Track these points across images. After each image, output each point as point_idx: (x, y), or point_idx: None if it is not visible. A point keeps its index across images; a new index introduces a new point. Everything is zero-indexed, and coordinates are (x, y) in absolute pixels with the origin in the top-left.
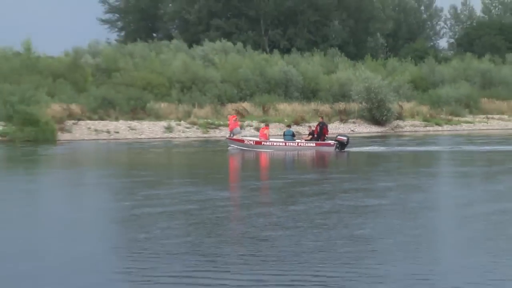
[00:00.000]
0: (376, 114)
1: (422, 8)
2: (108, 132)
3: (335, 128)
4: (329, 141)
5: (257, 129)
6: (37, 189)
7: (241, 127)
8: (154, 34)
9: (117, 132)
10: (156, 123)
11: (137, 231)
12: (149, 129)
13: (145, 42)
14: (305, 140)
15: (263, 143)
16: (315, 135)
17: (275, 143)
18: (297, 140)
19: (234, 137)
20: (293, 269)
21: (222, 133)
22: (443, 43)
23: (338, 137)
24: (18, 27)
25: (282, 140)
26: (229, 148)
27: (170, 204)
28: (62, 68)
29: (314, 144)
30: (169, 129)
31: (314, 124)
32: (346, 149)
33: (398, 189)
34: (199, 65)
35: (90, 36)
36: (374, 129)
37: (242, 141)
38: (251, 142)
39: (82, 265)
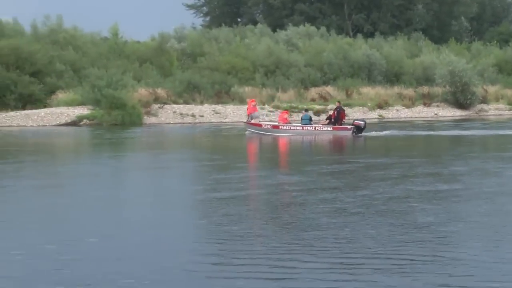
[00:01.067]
0: (460, 98)
1: None
2: (193, 115)
3: (419, 112)
4: (346, 125)
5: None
6: (111, 173)
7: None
8: (239, 19)
9: (202, 116)
10: (240, 107)
11: (205, 216)
12: (233, 113)
13: (229, 27)
14: (322, 124)
15: (280, 127)
16: (333, 120)
17: (292, 127)
18: (314, 125)
19: (252, 121)
20: (347, 253)
21: None
22: None
23: (355, 121)
24: (105, 12)
25: (300, 124)
26: (246, 132)
27: (238, 188)
28: (148, 53)
29: (331, 129)
30: None
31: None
32: (362, 134)
33: (471, 173)
34: (283, 50)
35: (176, 21)
36: (458, 113)
37: (260, 125)
38: (269, 126)
39: (158, 247)
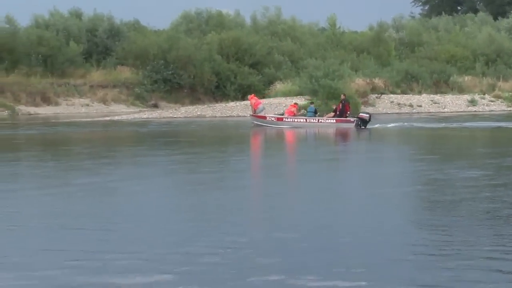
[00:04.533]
0: None
1: None
2: (411, 105)
3: None
4: (350, 118)
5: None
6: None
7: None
8: (459, 7)
9: (420, 106)
10: (459, 97)
11: (404, 208)
12: (452, 103)
13: (449, 16)
14: (327, 117)
15: (284, 119)
16: (338, 112)
17: (296, 120)
18: (318, 117)
19: (258, 114)
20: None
21: None
22: None
23: (360, 114)
24: (323, 3)
25: (303, 116)
26: (252, 124)
27: (398, 184)
28: (365, 43)
29: (334, 121)
30: (472, 102)
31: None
32: (368, 126)
33: None
34: (504, 38)
35: (394, 11)
36: None
37: (264, 117)
38: (273, 119)
39: (374, 238)
